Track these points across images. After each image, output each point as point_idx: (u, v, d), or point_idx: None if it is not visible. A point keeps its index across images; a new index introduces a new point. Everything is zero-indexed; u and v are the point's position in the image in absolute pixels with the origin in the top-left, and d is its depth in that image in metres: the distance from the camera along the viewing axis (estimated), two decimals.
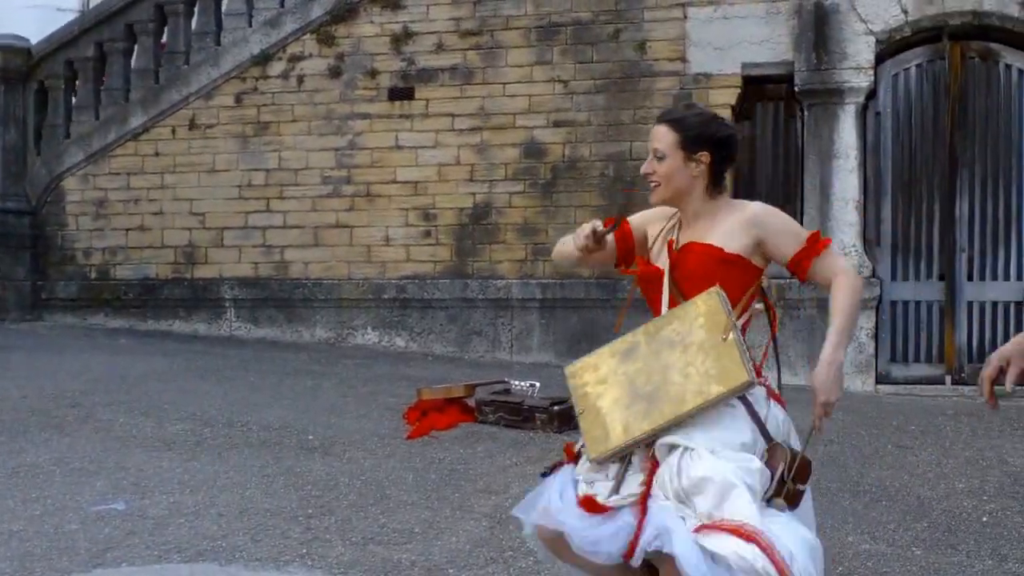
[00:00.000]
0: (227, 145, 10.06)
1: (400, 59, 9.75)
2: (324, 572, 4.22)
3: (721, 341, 2.80)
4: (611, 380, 2.91)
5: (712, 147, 3.02)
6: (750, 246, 2.98)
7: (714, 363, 2.79)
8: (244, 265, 10.01)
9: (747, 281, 3.00)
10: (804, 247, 2.98)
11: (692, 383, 2.79)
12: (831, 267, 2.99)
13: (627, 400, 2.85)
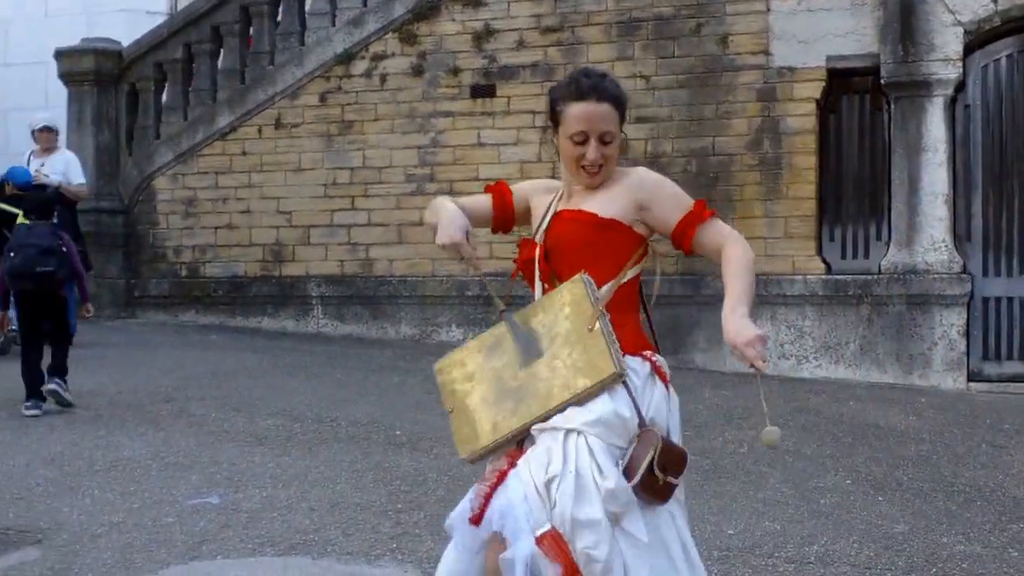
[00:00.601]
0: (312, 144, 10.22)
1: (482, 56, 9.80)
2: (414, 567, 4.25)
3: (587, 332, 2.64)
4: (478, 376, 2.79)
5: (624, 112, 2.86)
6: (630, 211, 2.77)
7: (581, 355, 2.63)
8: (330, 263, 10.16)
9: (626, 249, 2.78)
10: (689, 214, 2.76)
11: (559, 377, 2.64)
12: (718, 234, 2.77)
13: (494, 397, 2.73)
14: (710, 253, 2.79)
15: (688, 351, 9.02)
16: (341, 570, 4.20)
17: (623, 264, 2.77)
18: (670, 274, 9.11)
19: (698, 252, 2.83)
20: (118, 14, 12.55)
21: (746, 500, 5.22)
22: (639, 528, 2.55)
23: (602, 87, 2.80)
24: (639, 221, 2.78)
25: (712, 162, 9.11)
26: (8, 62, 13.43)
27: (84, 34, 11.41)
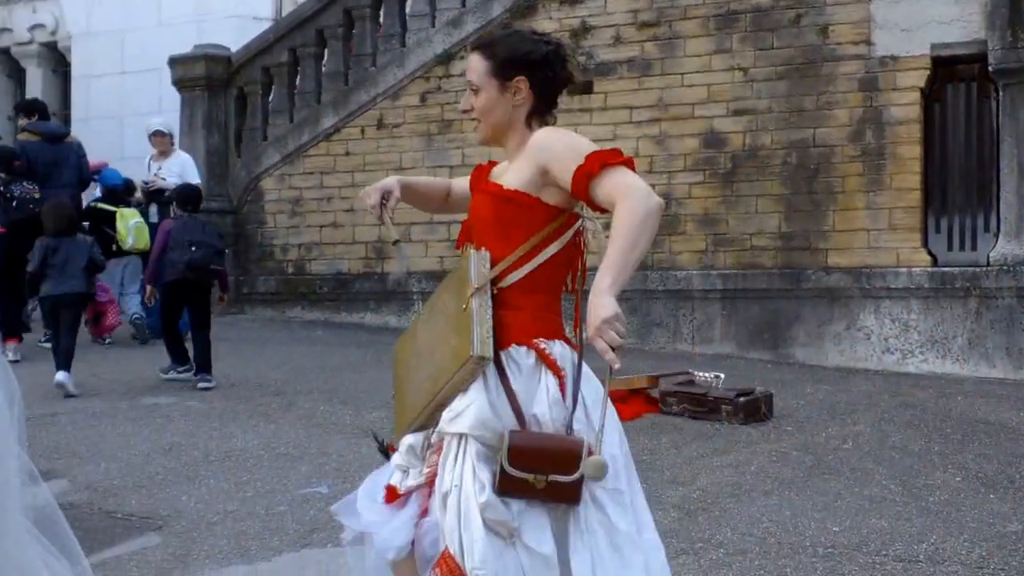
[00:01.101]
0: (413, 143, 10.40)
1: (579, 53, 9.81)
2: None
3: (461, 311, 2.48)
4: (411, 352, 2.71)
5: (528, 70, 2.59)
6: (536, 179, 2.51)
7: (455, 336, 2.48)
8: (430, 259, 10.33)
9: (533, 223, 2.52)
10: (579, 167, 2.41)
11: (443, 359, 2.50)
12: (614, 188, 2.38)
13: (410, 376, 2.67)
14: (611, 211, 2.43)
15: (787, 346, 8.93)
16: None
17: (524, 239, 2.52)
18: (767, 267, 9.03)
19: (602, 208, 2.47)
20: (227, 20, 12.92)
21: (851, 497, 5.15)
22: (540, 540, 2.38)
23: (481, 36, 2.80)
24: (550, 188, 2.51)
25: (813, 154, 8.99)
26: (125, 70, 13.95)
27: (195, 41, 11.80)
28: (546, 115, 2.65)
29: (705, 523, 4.74)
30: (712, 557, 4.33)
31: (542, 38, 2.65)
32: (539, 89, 2.61)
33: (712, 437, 6.16)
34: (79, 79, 14.60)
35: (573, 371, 2.52)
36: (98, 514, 4.90)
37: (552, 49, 2.61)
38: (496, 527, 2.36)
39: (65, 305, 7.46)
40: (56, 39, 15.00)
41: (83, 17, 14.49)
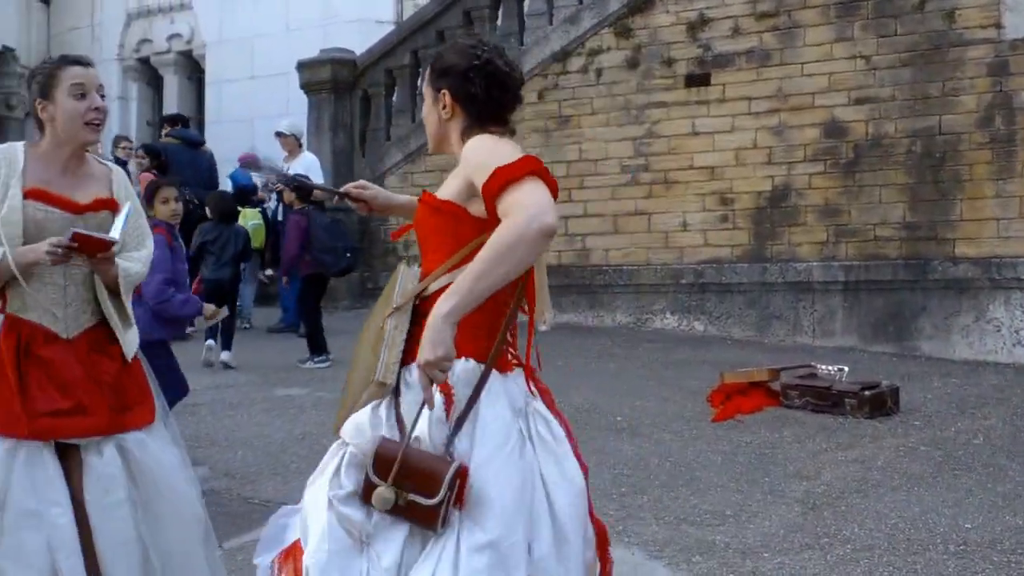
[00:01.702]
0: (531, 140, 10.52)
1: (696, 46, 9.81)
2: (640, 549, 4.38)
3: (380, 328, 2.44)
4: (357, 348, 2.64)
5: (450, 82, 2.50)
6: (464, 190, 2.40)
7: (372, 353, 2.44)
8: (548, 254, 10.36)
9: (460, 234, 2.41)
10: (486, 183, 2.26)
11: (362, 370, 2.48)
12: (507, 207, 2.22)
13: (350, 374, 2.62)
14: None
15: (913, 338, 8.75)
16: None
17: (454, 251, 2.42)
18: (892, 258, 8.87)
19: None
20: (351, 24, 13.26)
21: (984, 493, 5.07)
22: (383, 552, 2.32)
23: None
24: (478, 200, 2.36)
25: (938, 142, 8.78)
26: (254, 75, 14.47)
27: (321, 46, 12.17)
28: (488, 130, 2.48)
29: (831, 518, 4.73)
30: (839, 553, 4.32)
31: (474, 51, 2.52)
32: (463, 103, 2.50)
33: (836, 431, 6.13)
34: (212, 85, 15.22)
35: (471, 390, 2.38)
36: (237, 500, 5.18)
37: (477, 64, 2.48)
38: (348, 527, 2.34)
39: (223, 289, 8.19)
40: (191, 48, 15.65)
41: (216, 26, 15.09)
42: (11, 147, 3.08)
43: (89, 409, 3.01)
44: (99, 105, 3.08)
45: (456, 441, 2.33)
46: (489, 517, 2.30)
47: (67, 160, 3.10)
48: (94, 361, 3.07)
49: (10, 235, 2.95)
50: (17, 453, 2.91)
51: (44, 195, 3.02)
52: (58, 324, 3.05)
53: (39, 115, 3.08)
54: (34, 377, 2.96)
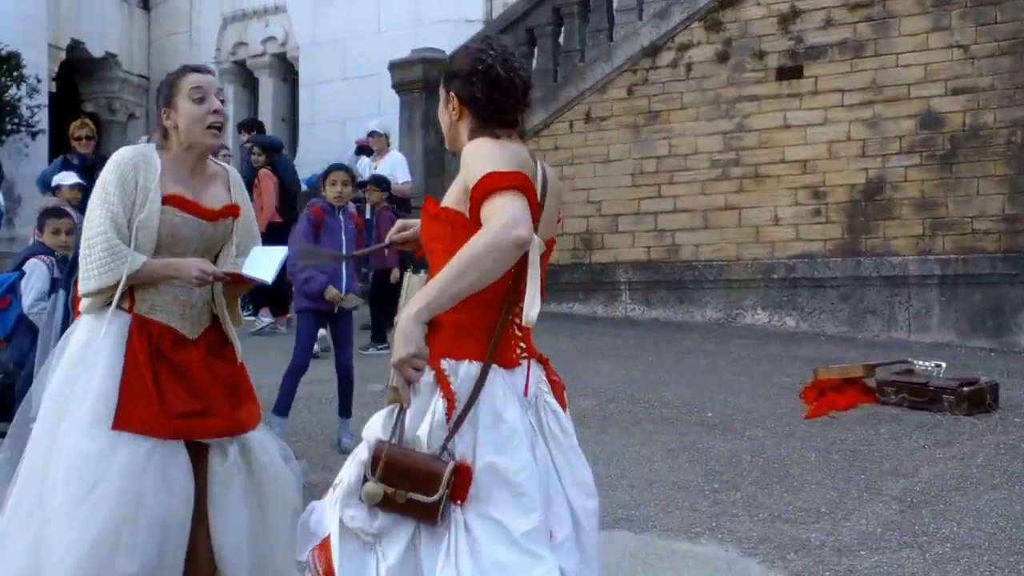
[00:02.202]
0: (620, 136, 10.56)
1: (788, 38, 9.71)
2: (734, 546, 4.37)
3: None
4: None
5: (457, 85, 2.56)
6: (461, 195, 2.43)
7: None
8: (637, 249, 10.47)
9: (456, 239, 2.40)
10: (473, 190, 2.34)
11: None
12: (485, 217, 2.29)
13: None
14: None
15: (1013, 334, 8.54)
16: (662, 545, 4.37)
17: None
18: (990, 251, 8.67)
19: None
20: (441, 24, 13.42)
21: None
22: (388, 551, 2.38)
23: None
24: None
25: None
26: (347, 76, 14.75)
27: (412, 46, 12.34)
28: (494, 132, 2.53)
29: (929, 516, 4.67)
30: (938, 552, 4.27)
31: (479, 56, 2.56)
32: (468, 105, 2.56)
33: (934, 428, 6.03)
34: (305, 86, 15.56)
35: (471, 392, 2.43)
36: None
37: (480, 69, 2.53)
38: (356, 531, 2.41)
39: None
40: (285, 50, 16.01)
41: (309, 29, 15.42)
42: (146, 150, 3.15)
43: (215, 410, 3.11)
44: (217, 108, 3.17)
45: (457, 439, 2.38)
46: (503, 509, 2.36)
47: (193, 164, 3.20)
48: (213, 363, 3.18)
49: (145, 240, 3.05)
50: (153, 455, 2.99)
51: (181, 201, 3.12)
52: (184, 326, 3.16)
53: (164, 123, 3.18)
54: (166, 379, 3.05)
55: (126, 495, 2.93)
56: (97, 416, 2.97)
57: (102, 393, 2.99)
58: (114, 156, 3.14)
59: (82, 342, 3.08)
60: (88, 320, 3.12)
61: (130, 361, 3.03)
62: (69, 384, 3.03)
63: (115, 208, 3.02)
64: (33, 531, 2.96)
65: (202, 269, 3.07)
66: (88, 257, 3.04)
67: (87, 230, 3.07)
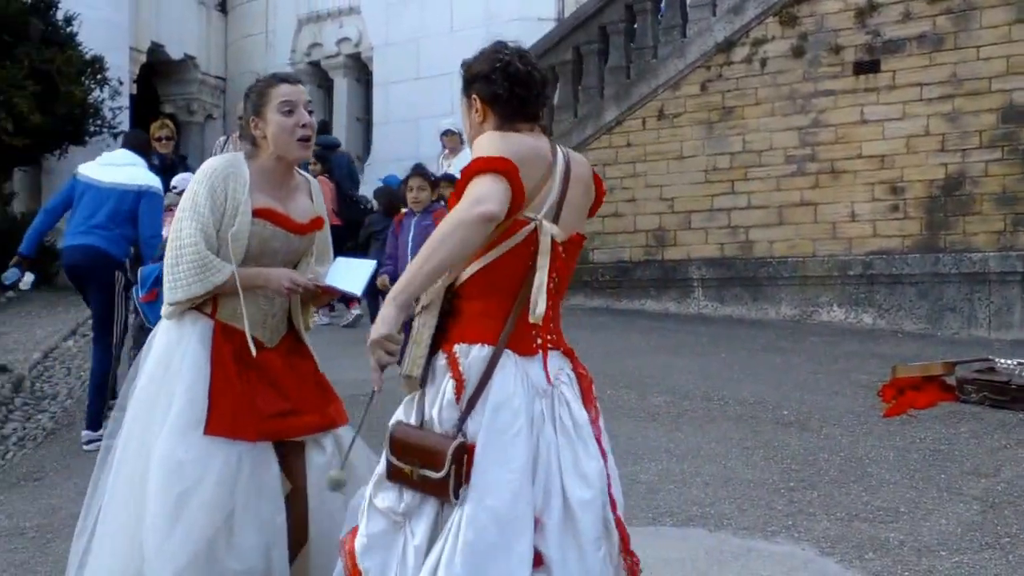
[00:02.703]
0: (693, 132, 10.51)
1: (864, 32, 9.58)
2: (811, 545, 4.33)
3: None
4: None
5: (478, 86, 2.66)
6: None
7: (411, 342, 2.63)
8: (710, 246, 10.42)
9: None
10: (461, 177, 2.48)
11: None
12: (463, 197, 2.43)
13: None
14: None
15: None
16: (738, 544, 4.35)
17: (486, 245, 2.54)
18: None
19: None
20: (513, 23, 13.44)
21: None
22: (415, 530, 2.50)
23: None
24: None
25: None
26: (420, 75, 14.87)
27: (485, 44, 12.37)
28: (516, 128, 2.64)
29: (1012, 517, 4.59)
30: (1021, 553, 4.20)
31: (497, 56, 2.68)
32: (491, 104, 2.65)
33: (1016, 427, 5.92)
34: (379, 86, 15.72)
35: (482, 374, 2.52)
36: None
37: (499, 67, 2.64)
38: (385, 511, 2.53)
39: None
40: (359, 50, 16.18)
41: (383, 29, 15.57)
42: (235, 160, 3.16)
43: (307, 407, 3.15)
44: (306, 121, 3.16)
45: (469, 421, 2.48)
46: (491, 490, 2.44)
47: (282, 175, 3.22)
48: (294, 362, 3.22)
49: (236, 251, 3.06)
50: (244, 460, 3.03)
51: (271, 214, 3.14)
52: (265, 334, 3.19)
53: (253, 132, 3.18)
54: (254, 381, 3.08)
55: (221, 503, 2.95)
56: (188, 423, 2.98)
57: (191, 399, 3.00)
58: (203, 166, 3.16)
59: (165, 347, 3.11)
60: (170, 325, 3.14)
61: (216, 365, 3.05)
62: (154, 389, 3.06)
63: (205, 219, 3.04)
64: (127, 537, 2.98)
65: (292, 280, 3.10)
66: (176, 267, 3.05)
67: (175, 239, 3.07)
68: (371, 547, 2.53)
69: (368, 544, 2.54)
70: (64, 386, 8.14)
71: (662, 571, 3.92)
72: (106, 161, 6.96)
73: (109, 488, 3.06)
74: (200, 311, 3.12)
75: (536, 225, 2.56)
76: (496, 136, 2.56)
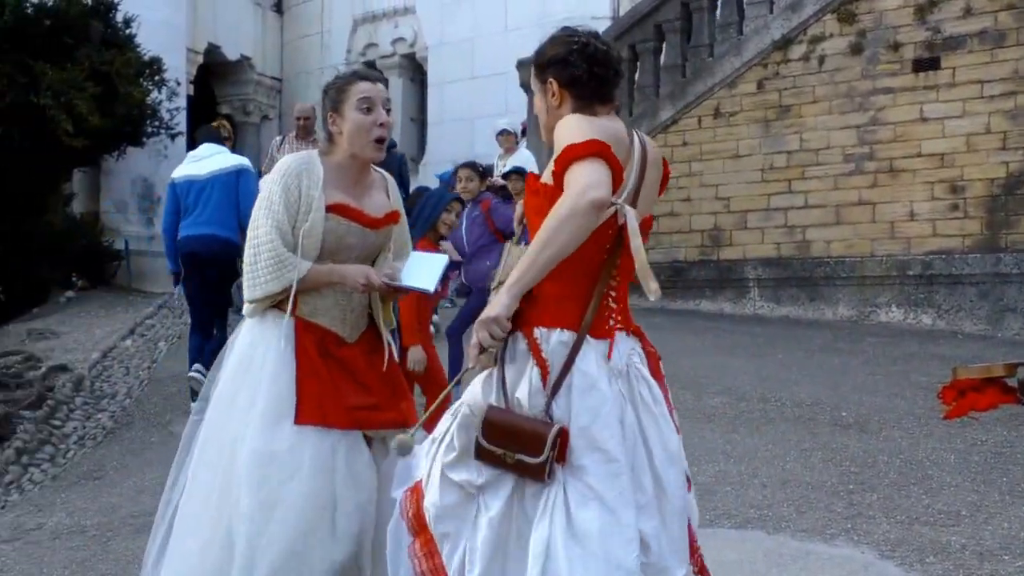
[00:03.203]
0: (749, 131, 10.43)
1: (924, 29, 9.45)
2: (871, 548, 4.29)
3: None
4: None
5: (554, 71, 2.67)
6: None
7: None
8: (767, 246, 10.33)
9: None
10: (556, 161, 2.49)
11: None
12: (566, 184, 2.44)
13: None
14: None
15: None
16: (796, 546, 4.32)
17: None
18: None
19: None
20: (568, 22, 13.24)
21: None
22: (491, 503, 2.55)
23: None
24: None
25: None
26: (475, 75, 14.94)
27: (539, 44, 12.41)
28: (594, 110, 2.65)
29: None
30: None
31: (572, 38, 2.69)
32: (569, 88, 2.67)
33: None
34: (434, 86, 15.80)
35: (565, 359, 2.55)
36: None
37: (576, 48, 2.65)
38: (461, 483, 2.58)
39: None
40: (414, 50, 16.28)
41: (438, 29, 15.66)
42: (309, 158, 3.17)
43: (385, 403, 3.17)
44: (384, 120, 3.17)
45: (554, 406, 2.52)
46: (593, 473, 2.49)
47: (357, 172, 3.22)
48: (374, 359, 3.24)
49: (311, 247, 3.09)
50: (338, 448, 3.06)
51: (345, 210, 3.15)
52: (344, 330, 3.20)
53: (330, 128, 3.20)
54: (337, 373, 3.11)
55: (319, 491, 2.98)
56: (277, 415, 3.01)
57: (277, 392, 3.03)
58: (278, 164, 3.18)
59: (248, 345, 3.14)
60: (252, 324, 3.17)
61: (302, 357, 3.08)
62: (234, 387, 3.09)
63: (280, 217, 3.07)
64: (207, 532, 3.01)
65: (368, 276, 3.11)
66: (255, 265, 3.08)
67: (252, 238, 3.11)
68: (444, 516, 2.59)
69: (441, 514, 2.59)
70: (123, 385, 8.29)
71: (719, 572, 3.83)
72: (196, 157, 7.34)
73: (188, 484, 3.10)
74: (280, 309, 3.14)
75: (617, 209, 2.56)
76: (581, 119, 2.55)
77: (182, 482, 3.13)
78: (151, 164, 13.95)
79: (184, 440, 3.24)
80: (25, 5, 11.45)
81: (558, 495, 2.49)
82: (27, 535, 5.30)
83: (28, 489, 6.25)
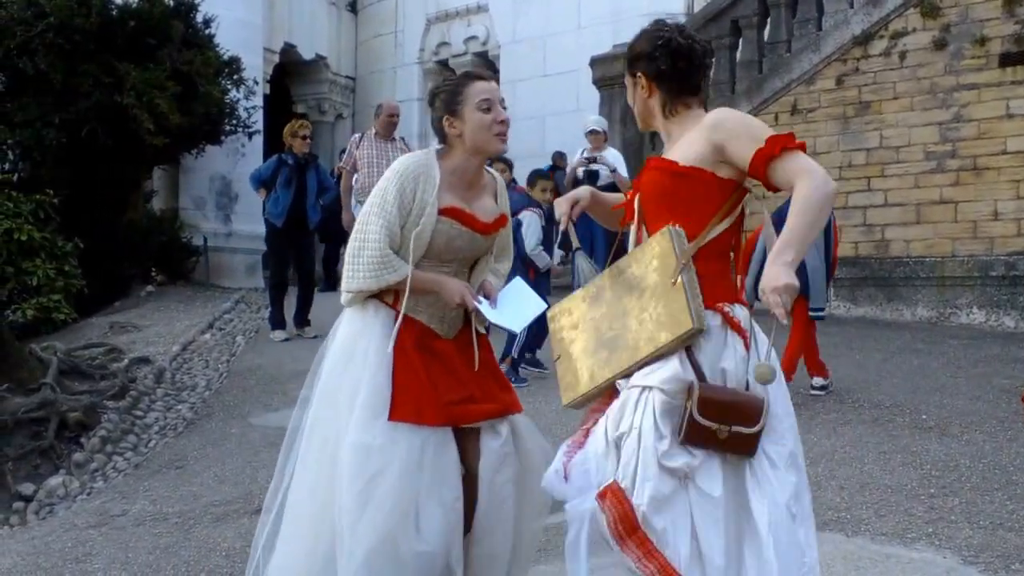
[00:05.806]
0: (827, 127, 10.27)
1: (1013, 22, 9.20)
2: (953, 553, 4.20)
3: (671, 286, 2.64)
4: (581, 326, 2.85)
5: (642, 64, 2.80)
6: (710, 155, 2.67)
7: (664, 309, 2.64)
8: (844, 245, 10.12)
9: (712, 197, 2.69)
10: (760, 150, 2.59)
11: (645, 330, 2.67)
12: (792, 171, 2.57)
13: (593, 346, 2.79)
14: (787, 191, 2.62)
15: None
16: (876, 550, 4.25)
17: (710, 213, 2.70)
18: None
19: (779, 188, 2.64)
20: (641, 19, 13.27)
21: None
22: (712, 485, 2.55)
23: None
24: (724, 164, 2.69)
25: None
26: (547, 72, 14.95)
27: (611, 42, 12.39)
28: (684, 100, 2.80)
29: None
30: None
31: (658, 34, 2.81)
32: (657, 80, 2.80)
33: None
34: (506, 84, 15.79)
35: (751, 330, 2.68)
36: None
37: (660, 44, 2.77)
38: (674, 472, 2.55)
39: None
40: (487, 49, 16.36)
41: (510, 27, 15.70)
42: (427, 160, 3.19)
43: (485, 395, 3.19)
44: (504, 118, 3.19)
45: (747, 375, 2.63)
46: (783, 432, 2.62)
47: (473, 174, 3.25)
48: (471, 355, 3.26)
49: (418, 248, 3.13)
50: (427, 446, 3.08)
51: (458, 213, 3.18)
52: (443, 328, 3.25)
53: (447, 131, 3.21)
54: (435, 368, 3.14)
55: (407, 487, 3.01)
56: (375, 410, 3.06)
57: (375, 387, 3.08)
58: (395, 164, 3.20)
59: (350, 334, 3.19)
60: (353, 315, 3.22)
61: (399, 352, 3.12)
62: (337, 379, 3.14)
63: (391, 217, 3.11)
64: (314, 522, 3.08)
65: (464, 297, 3.14)
66: (357, 257, 3.13)
67: (359, 231, 3.15)
68: (661, 508, 2.56)
69: (658, 507, 2.56)
70: (202, 377, 8.45)
71: None
72: None
73: (297, 473, 3.16)
74: (382, 300, 3.19)
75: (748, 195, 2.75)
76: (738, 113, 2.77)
77: (289, 471, 3.19)
78: (229, 162, 14.22)
79: (290, 431, 3.30)
80: (110, 7, 11.73)
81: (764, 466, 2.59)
82: (112, 521, 5.44)
83: (112, 477, 6.41)
